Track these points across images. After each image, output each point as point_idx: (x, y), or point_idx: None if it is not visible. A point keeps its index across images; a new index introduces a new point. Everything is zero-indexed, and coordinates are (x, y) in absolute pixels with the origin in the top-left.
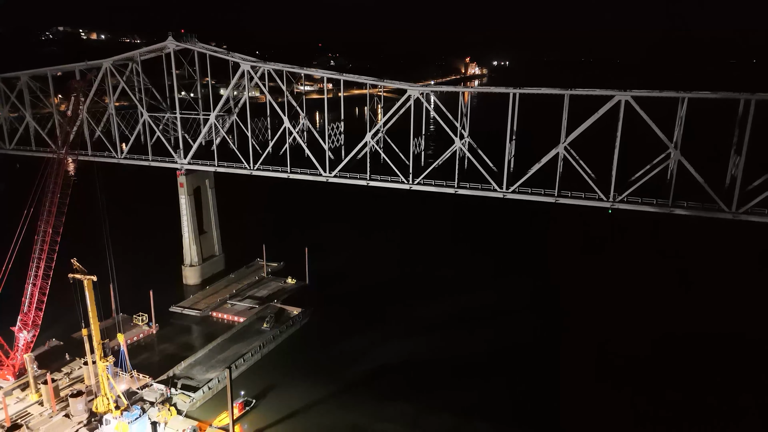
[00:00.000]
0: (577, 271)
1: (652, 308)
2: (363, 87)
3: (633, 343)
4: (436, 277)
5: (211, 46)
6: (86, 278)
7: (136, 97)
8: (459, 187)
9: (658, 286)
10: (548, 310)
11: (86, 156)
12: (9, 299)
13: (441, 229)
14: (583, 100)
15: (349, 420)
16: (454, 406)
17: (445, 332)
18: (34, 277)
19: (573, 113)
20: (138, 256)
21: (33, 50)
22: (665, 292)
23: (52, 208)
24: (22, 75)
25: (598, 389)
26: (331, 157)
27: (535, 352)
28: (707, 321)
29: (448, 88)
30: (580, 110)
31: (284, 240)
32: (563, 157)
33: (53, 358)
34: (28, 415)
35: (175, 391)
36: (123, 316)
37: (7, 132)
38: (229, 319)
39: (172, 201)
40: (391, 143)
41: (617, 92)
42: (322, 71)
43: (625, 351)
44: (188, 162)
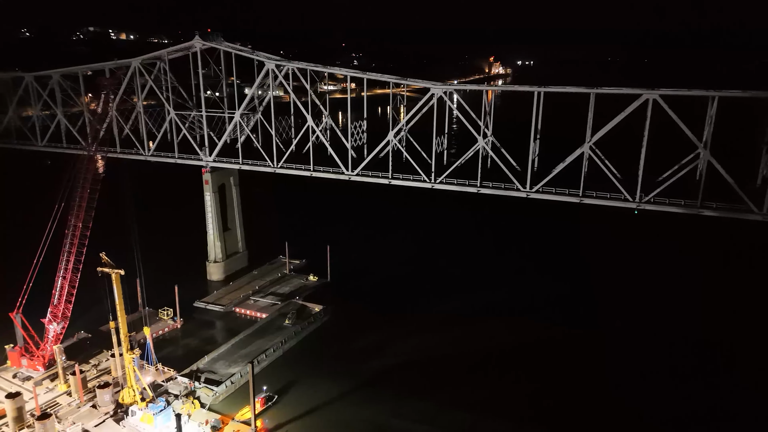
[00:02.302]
0: (600, 272)
1: (673, 311)
2: (386, 86)
3: (654, 345)
4: (457, 275)
5: (237, 45)
6: (114, 272)
7: (163, 95)
8: (482, 186)
9: (683, 288)
10: (567, 310)
11: (115, 153)
12: (40, 292)
13: (462, 228)
14: (609, 99)
15: (367, 416)
16: (471, 404)
17: (464, 329)
18: (64, 270)
19: (597, 112)
20: (164, 251)
21: (64, 50)
22: (688, 294)
23: (81, 203)
24: (54, 74)
25: (614, 389)
26: (354, 155)
27: (553, 351)
28: (726, 325)
29: (472, 87)
30: (606, 109)
31: (306, 238)
32: (588, 156)
33: (82, 350)
34: (56, 404)
35: (198, 385)
36: (149, 310)
37: (40, 129)
38: (252, 315)
39: (197, 198)
40: (414, 142)
41: (645, 91)
42: (345, 70)
43: (646, 352)
44: (213, 159)
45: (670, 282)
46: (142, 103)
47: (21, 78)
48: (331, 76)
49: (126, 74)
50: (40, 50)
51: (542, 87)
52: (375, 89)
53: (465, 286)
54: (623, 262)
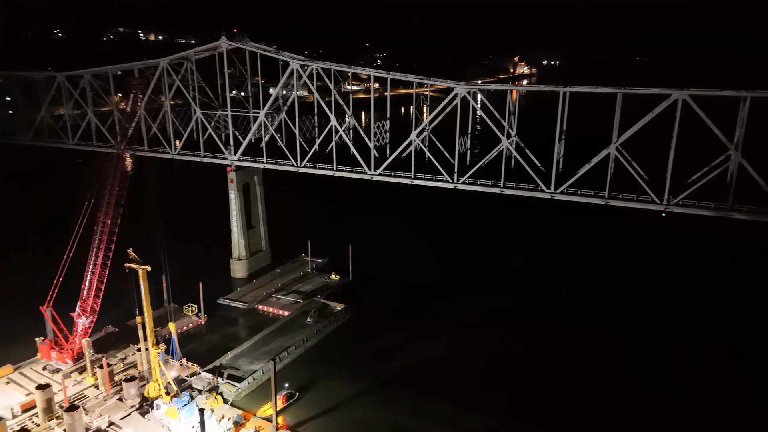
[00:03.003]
0: (625, 275)
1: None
2: (409, 86)
3: (676, 350)
4: (479, 276)
5: (262, 45)
6: (141, 268)
7: (189, 95)
8: (505, 187)
9: (710, 293)
10: (590, 313)
11: (143, 151)
12: (70, 286)
13: (485, 229)
14: (636, 99)
15: (386, 416)
16: (489, 406)
17: (484, 331)
18: (93, 265)
19: (624, 113)
20: (189, 248)
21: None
22: (716, 298)
23: (110, 201)
24: (85, 73)
25: (635, 395)
26: (376, 155)
27: (574, 354)
28: None
29: (496, 87)
30: (633, 110)
31: (328, 237)
32: (614, 157)
33: (109, 344)
34: (84, 397)
35: (221, 381)
36: (174, 306)
37: (71, 128)
38: (274, 313)
39: (222, 196)
40: (437, 142)
41: (674, 91)
42: (369, 70)
43: (669, 359)
44: (238, 158)
45: (696, 286)
46: (170, 102)
47: (53, 77)
48: (355, 76)
49: (154, 74)
50: (71, 50)
51: (567, 87)
52: (398, 89)
53: (486, 287)
54: (649, 265)
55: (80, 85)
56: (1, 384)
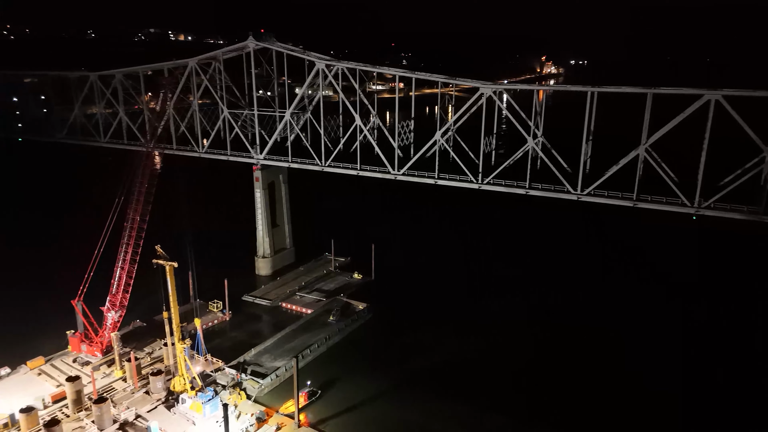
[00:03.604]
0: (650, 279)
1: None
2: (434, 86)
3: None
4: (502, 277)
5: (288, 45)
6: (168, 264)
7: (217, 94)
8: (530, 188)
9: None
10: (616, 316)
11: (171, 150)
12: (100, 281)
13: (509, 229)
14: (666, 100)
15: (406, 416)
16: (510, 409)
17: (507, 332)
18: (122, 261)
19: (654, 113)
20: (215, 246)
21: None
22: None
23: (140, 198)
24: (117, 73)
25: (657, 400)
26: (400, 155)
27: (599, 358)
28: None
29: (522, 86)
30: (663, 110)
31: (352, 235)
32: (644, 159)
33: (137, 338)
34: (112, 389)
35: (245, 377)
36: (200, 302)
37: (102, 126)
38: (298, 310)
39: (247, 195)
40: (461, 142)
41: (707, 91)
42: (394, 69)
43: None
44: (264, 157)
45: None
46: (198, 101)
47: (86, 77)
48: (380, 76)
49: (183, 74)
50: (104, 50)
51: (595, 87)
52: (423, 89)
53: (510, 288)
54: (676, 268)
55: (112, 85)
56: (33, 375)
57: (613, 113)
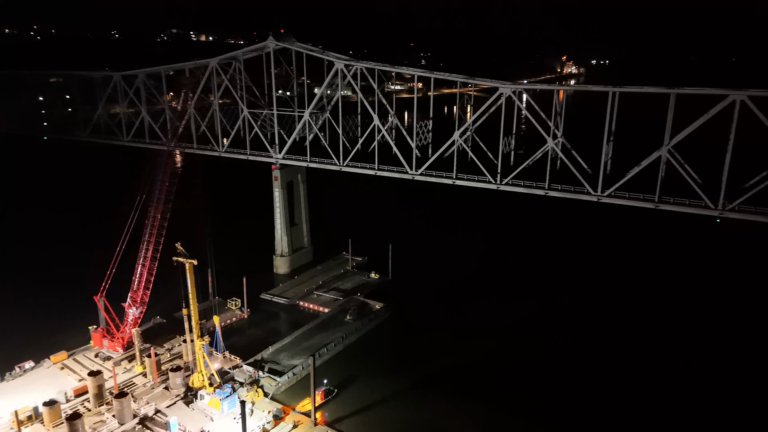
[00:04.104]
0: (673, 283)
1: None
2: (453, 86)
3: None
4: (520, 278)
5: (308, 45)
6: (188, 262)
7: (237, 94)
8: (550, 188)
9: None
10: (636, 320)
11: (192, 149)
12: (122, 278)
13: (528, 230)
14: (690, 100)
15: (422, 416)
16: (527, 411)
17: (525, 333)
18: (143, 258)
19: (677, 114)
20: (234, 244)
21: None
22: None
23: (161, 196)
24: (140, 73)
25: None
26: (418, 155)
27: (619, 361)
28: None
29: (542, 86)
30: (686, 111)
31: (369, 235)
32: (666, 160)
33: (157, 334)
34: (133, 384)
35: (262, 374)
36: (218, 299)
37: (125, 125)
38: (315, 309)
39: (266, 194)
40: (480, 142)
41: (732, 91)
42: (413, 69)
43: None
44: (283, 157)
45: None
46: (218, 101)
47: (110, 77)
48: (399, 76)
49: (204, 74)
50: (127, 51)
51: (617, 87)
52: (442, 89)
53: (529, 289)
54: (698, 272)
55: (135, 85)
56: (56, 369)
57: (635, 114)
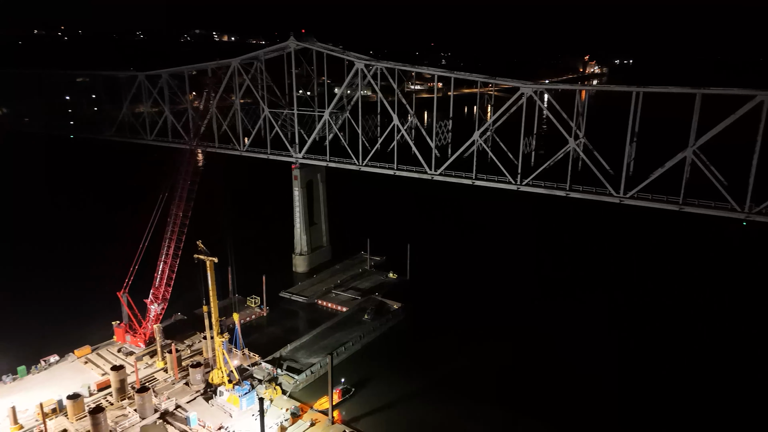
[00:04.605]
0: (697, 287)
1: None
2: (474, 85)
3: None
4: (540, 280)
5: (328, 45)
6: (208, 259)
7: (258, 94)
8: (571, 189)
9: None
10: (658, 324)
11: (213, 148)
12: (145, 274)
13: (549, 232)
14: (716, 101)
15: (440, 417)
16: (547, 415)
17: (544, 336)
18: (165, 255)
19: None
20: (253, 242)
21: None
22: None
23: (183, 194)
24: (163, 73)
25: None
26: (438, 155)
27: (636, 365)
28: None
29: (564, 86)
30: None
31: (387, 235)
32: (691, 161)
33: (178, 331)
34: (154, 379)
35: (280, 372)
36: (238, 297)
37: (149, 125)
38: (333, 308)
39: (286, 193)
40: (500, 142)
41: (759, 92)
42: (433, 69)
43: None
44: (303, 156)
45: None
46: (240, 101)
47: (135, 77)
48: (419, 76)
49: (226, 74)
50: (152, 51)
51: (641, 87)
52: (462, 88)
53: (547, 292)
54: (724, 275)
55: (158, 84)
56: (80, 363)
57: (659, 114)
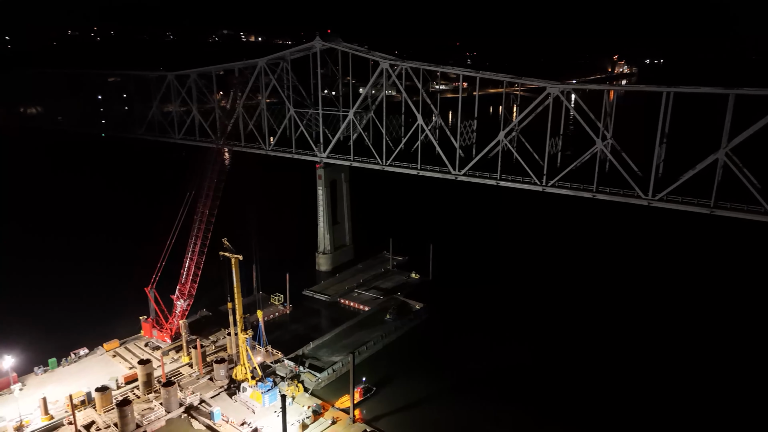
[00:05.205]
0: (726, 293)
1: None
2: (499, 85)
3: None
4: (564, 282)
5: (354, 45)
6: (233, 257)
7: (284, 93)
8: (598, 191)
9: None
10: (682, 330)
11: (240, 147)
12: (171, 271)
13: (573, 235)
14: (749, 101)
15: (459, 419)
16: (571, 419)
17: (568, 339)
18: (192, 252)
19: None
20: (278, 240)
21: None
22: None
23: (209, 192)
24: (192, 73)
25: None
26: (462, 155)
27: (665, 368)
28: None
29: (592, 86)
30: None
31: (410, 235)
32: (723, 163)
33: (203, 327)
34: (179, 374)
35: (303, 369)
36: (262, 294)
37: (177, 124)
38: (355, 307)
39: (310, 192)
40: (526, 143)
41: None
42: (458, 69)
43: None
44: (327, 156)
45: None
46: (266, 100)
47: (164, 76)
48: (444, 75)
49: (252, 73)
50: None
51: (671, 87)
52: (488, 88)
53: (572, 294)
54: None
55: (187, 84)
56: (109, 356)
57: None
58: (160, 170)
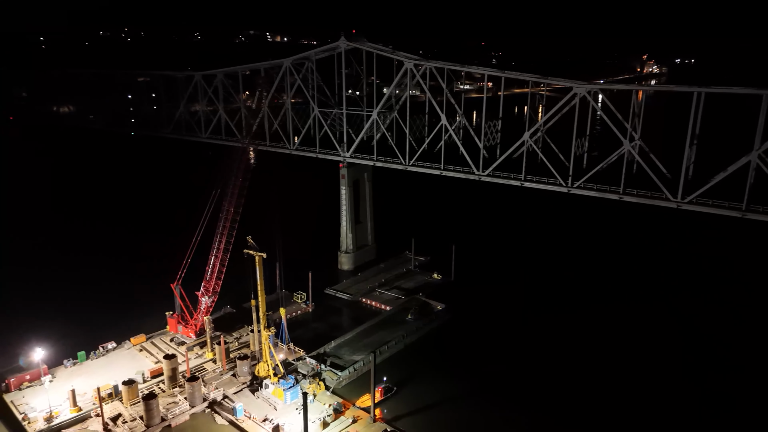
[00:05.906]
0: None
1: None
2: (525, 85)
3: None
4: (588, 285)
5: (378, 45)
6: (258, 255)
7: (309, 93)
8: (624, 193)
9: None
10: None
11: (265, 146)
12: (196, 268)
13: (599, 237)
14: None
15: (479, 421)
16: (592, 424)
17: (590, 343)
18: (216, 249)
19: None
20: (301, 239)
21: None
22: None
23: (234, 191)
24: (218, 73)
25: None
26: (486, 155)
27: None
28: None
29: (619, 86)
30: None
31: (432, 235)
32: (756, 165)
33: (227, 323)
34: (203, 369)
35: (324, 368)
36: (285, 292)
37: (204, 123)
38: (377, 306)
39: (333, 191)
40: (551, 143)
41: None
42: (483, 69)
43: None
44: (350, 155)
45: None
46: (291, 100)
47: (192, 76)
48: (468, 75)
49: (278, 73)
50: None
51: (702, 87)
52: (513, 88)
53: (596, 297)
54: None
55: (213, 84)
56: (135, 351)
57: (721, 115)
58: (187, 168)
